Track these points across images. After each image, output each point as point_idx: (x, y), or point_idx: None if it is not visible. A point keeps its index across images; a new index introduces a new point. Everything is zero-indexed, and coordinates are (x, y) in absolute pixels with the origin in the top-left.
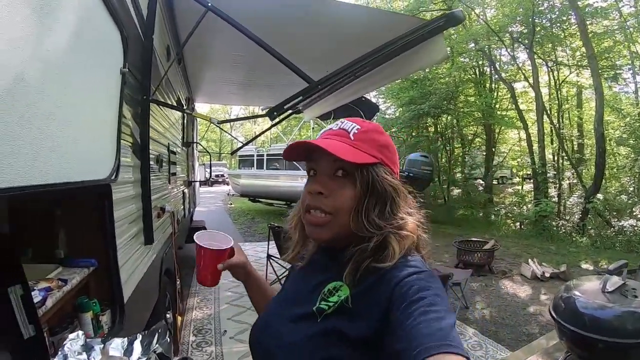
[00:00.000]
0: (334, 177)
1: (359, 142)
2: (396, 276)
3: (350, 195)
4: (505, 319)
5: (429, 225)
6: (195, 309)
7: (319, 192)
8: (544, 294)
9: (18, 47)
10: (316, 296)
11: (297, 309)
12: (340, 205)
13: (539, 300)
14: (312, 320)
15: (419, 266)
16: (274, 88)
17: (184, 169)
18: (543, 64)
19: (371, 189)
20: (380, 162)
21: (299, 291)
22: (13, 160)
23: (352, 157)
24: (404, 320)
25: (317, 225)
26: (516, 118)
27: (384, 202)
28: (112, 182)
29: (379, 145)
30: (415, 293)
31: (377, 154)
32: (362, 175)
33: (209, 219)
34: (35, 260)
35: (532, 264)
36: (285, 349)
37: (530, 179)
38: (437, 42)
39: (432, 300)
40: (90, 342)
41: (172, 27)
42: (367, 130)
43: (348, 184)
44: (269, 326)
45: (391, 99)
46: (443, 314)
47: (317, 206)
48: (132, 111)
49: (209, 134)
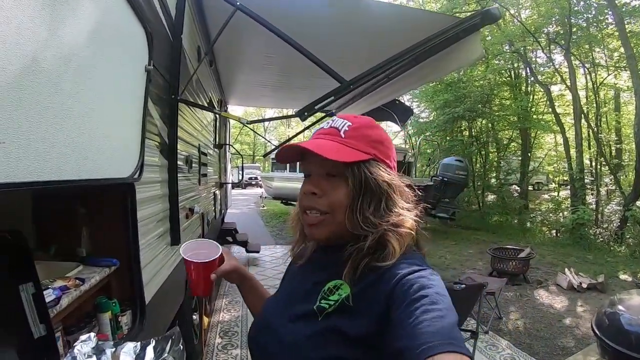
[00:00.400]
0: (327, 177)
1: (350, 139)
2: (397, 274)
3: (343, 194)
4: (540, 331)
5: (460, 230)
6: (223, 311)
7: (313, 193)
8: (581, 306)
9: (37, 43)
10: (316, 295)
11: (297, 307)
12: (335, 204)
13: (576, 312)
14: (312, 319)
15: (420, 264)
16: (306, 90)
17: (216, 170)
18: (580, 65)
19: (364, 187)
20: (373, 157)
21: (298, 290)
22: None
23: (340, 156)
24: (406, 318)
25: (313, 224)
26: (553, 122)
27: (378, 199)
28: (136, 181)
29: (372, 140)
30: (416, 291)
31: (370, 149)
32: (353, 173)
33: (241, 221)
34: (58, 258)
35: (568, 273)
36: (285, 349)
37: (567, 185)
38: (473, 41)
39: (434, 299)
40: (102, 344)
41: (203, 28)
42: (358, 126)
43: (341, 183)
44: (267, 326)
45: (425, 102)
46: (445, 312)
47: (312, 206)
48: (160, 110)
49: (242, 136)
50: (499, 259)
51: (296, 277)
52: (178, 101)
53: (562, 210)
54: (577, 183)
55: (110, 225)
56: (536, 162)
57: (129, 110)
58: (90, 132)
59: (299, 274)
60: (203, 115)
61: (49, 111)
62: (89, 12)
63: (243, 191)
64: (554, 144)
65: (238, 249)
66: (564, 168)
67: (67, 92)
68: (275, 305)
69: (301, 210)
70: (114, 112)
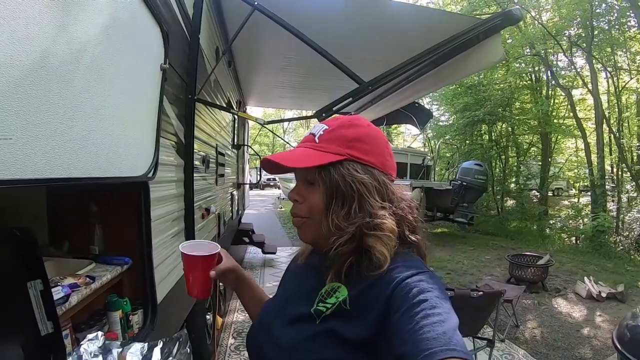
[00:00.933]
0: (307, 183)
1: (324, 143)
2: (395, 277)
3: (319, 198)
4: (557, 340)
5: (479, 235)
6: (237, 311)
7: (295, 199)
8: (599, 316)
9: (47, 39)
10: (313, 297)
11: (294, 310)
12: (312, 210)
13: (594, 322)
14: (310, 322)
15: (419, 266)
16: (325, 92)
17: (234, 171)
18: (602, 69)
19: (336, 190)
20: (347, 158)
21: (295, 292)
22: (32, 151)
23: (306, 163)
24: (406, 323)
25: (299, 228)
26: (574, 126)
27: (351, 200)
28: (150, 179)
29: (348, 140)
30: (416, 295)
31: (344, 150)
32: (322, 177)
33: (258, 221)
34: (71, 255)
35: (587, 282)
36: (282, 351)
37: (587, 191)
38: (493, 43)
39: (434, 303)
40: (109, 344)
41: (222, 29)
42: (334, 128)
43: (316, 188)
44: (265, 328)
45: (445, 106)
46: (445, 316)
47: (295, 212)
48: (176, 110)
49: (261, 137)
50: (518, 266)
51: (294, 279)
52: (195, 101)
53: (582, 217)
54: (598, 189)
55: (124, 223)
56: (556, 167)
57: (143, 108)
58: (102, 130)
59: (297, 275)
60: (221, 115)
61: (60, 108)
62: (100, 9)
63: (261, 192)
64: (574, 149)
65: (254, 250)
66: (585, 174)
67: (78, 89)
68: (273, 307)
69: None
70: (127, 110)
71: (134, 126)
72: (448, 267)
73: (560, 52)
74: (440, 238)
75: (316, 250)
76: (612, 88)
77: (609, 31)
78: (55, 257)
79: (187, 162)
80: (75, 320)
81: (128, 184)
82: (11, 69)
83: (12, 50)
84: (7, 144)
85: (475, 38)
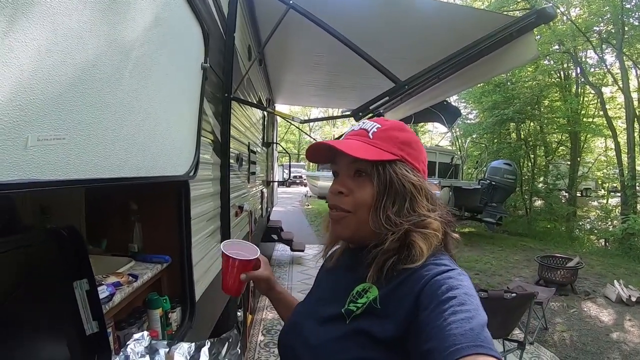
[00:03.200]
0: (354, 176)
1: (378, 140)
2: (425, 275)
3: (369, 193)
4: (586, 344)
5: (507, 236)
6: (266, 309)
7: (340, 192)
8: (629, 320)
9: (99, 39)
10: (344, 297)
11: (325, 310)
12: (359, 203)
13: (624, 326)
14: (340, 321)
15: (448, 264)
16: (354, 90)
17: (263, 168)
18: (632, 66)
19: (389, 187)
20: (400, 159)
21: (326, 292)
22: (83, 151)
23: (367, 155)
24: (434, 320)
25: (337, 222)
26: (604, 125)
27: (402, 200)
28: (191, 178)
29: (400, 142)
30: (445, 292)
31: (397, 151)
32: (378, 172)
33: (286, 219)
34: (109, 253)
35: (617, 285)
36: (313, 351)
37: (617, 192)
38: (527, 41)
39: (463, 300)
40: (155, 344)
41: (254, 28)
42: (387, 128)
43: (367, 183)
44: (296, 328)
45: (473, 104)
46: (473, 313)
47: (336, 205)
48: (214, 108)
49: (288, 135)
50: (547, 268)
51: (325, 279)
52: (231, 99)
53: (611, 219)
54: (628, 190)
55: (163, 222)
56: (585, 167)
57: (186, 107)
58: (149, 130)
59: (328, 276)
60: (252, 113)
61: (110, 108)
62: (149, 10)
63: (287, 189)
64: (603, 149)
65: (283, 247)
66: (614, 174)
67: (128, 89)
68: (304, 308)
69: (330, 209)
70: (172, 110)
71: (177, 125)
72: (476, 268)
73: (590, 48)
74: (468, 238)
75: (347, 251)
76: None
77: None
78: (93, 255)
79: (223, 160)
80: (116, 318)
81: (169, 183)
82: (65, 68)
83: (66, 49)
84: (60, 143)
85: (509, 36)
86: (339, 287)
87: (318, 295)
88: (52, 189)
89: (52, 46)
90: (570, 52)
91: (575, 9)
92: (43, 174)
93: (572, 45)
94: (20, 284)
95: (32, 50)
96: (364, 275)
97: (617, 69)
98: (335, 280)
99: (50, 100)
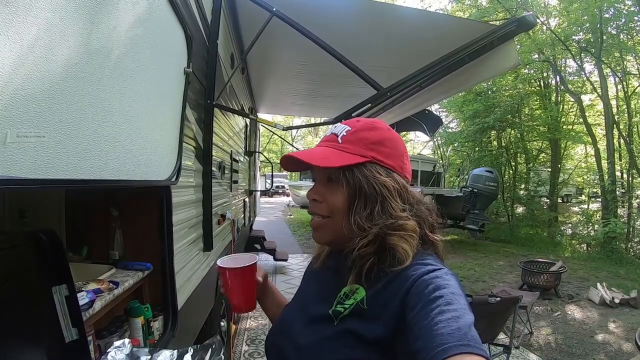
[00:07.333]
0: (327, 183)
1: (347, 144)
2: (412, 275)
3: (340, 199)
4: (571, 347)
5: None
6: (250, 318)
7: (314, 199)
8: (613, 322)
9: (80, 37)
10: (332, 299)
11: (313, 311)
12: (334, 209)
13: (608, 328)
14: (328, 322)
15: (435, 264)
16: (337, 99)
17: (246, 177)
18: (611, 74)
19: (358, 191)
20: (370, 160)
21: (314, 294)
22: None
23: (331, 162)
24: (422, 319)
25: (316, 229)
26: (584, 132)
27: (374, 202)
28: (173, 184)
29: (371, 142)
30: (432, 292)
31: (367, 152)
32: (346, 177)
33: (269, 229)
34: (89, 260)
35: (600, 288)
36: (301, 351)
37: (597, 197)
38: (508, 49)
39: (450, 299)
40: (136, 351)
41: (237, 36)
42: (356, 130)
43: (338, 188)
44: (284, 329)
45: (454, 112)
46: (461, 312)
47: (314, 211)
48: (196, 115)
49: (270, 145)
50: (530, 272)
51: (312, 281)
52: (214, 106)
53: (592, 224)
54: (608, 195)
55: (144, 228)
56: (566, 173)
57: (168, 111)
58: (130, 132)
59: (315, 278)
60: (236, 122)
61: (91, 107)
62: (131, 10)
63: (270, 199)
64: (584, 155)
65: (265, 257)
66: (595, 180)
67: (108, 89)
68: (292, 308)
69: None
70: (154, 113)
71: (159, 129)
72: (460, 274)
73: (569, 57)
74: (451, 245)
75: (333, 253)
76: (622, 93)
77: (618, 36)
78: (73, 262)
79: (205, 167)
80: (97, 326)
81: (149, 188)
82: (47, 64)
83: (49, 44)
84: (40, 142)
85: (490, 44)
86: (327, 288)
87: (305, 297)
88: (31, 189)
89: (35, 41)
90: (550, 61)
91: (555, 19)
92: (21, 172)
93: (551, 54)
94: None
95: (15, 44)
96: (345, 277)
97: (596, 77)
98: (322, 282)
99: (31, 96)
